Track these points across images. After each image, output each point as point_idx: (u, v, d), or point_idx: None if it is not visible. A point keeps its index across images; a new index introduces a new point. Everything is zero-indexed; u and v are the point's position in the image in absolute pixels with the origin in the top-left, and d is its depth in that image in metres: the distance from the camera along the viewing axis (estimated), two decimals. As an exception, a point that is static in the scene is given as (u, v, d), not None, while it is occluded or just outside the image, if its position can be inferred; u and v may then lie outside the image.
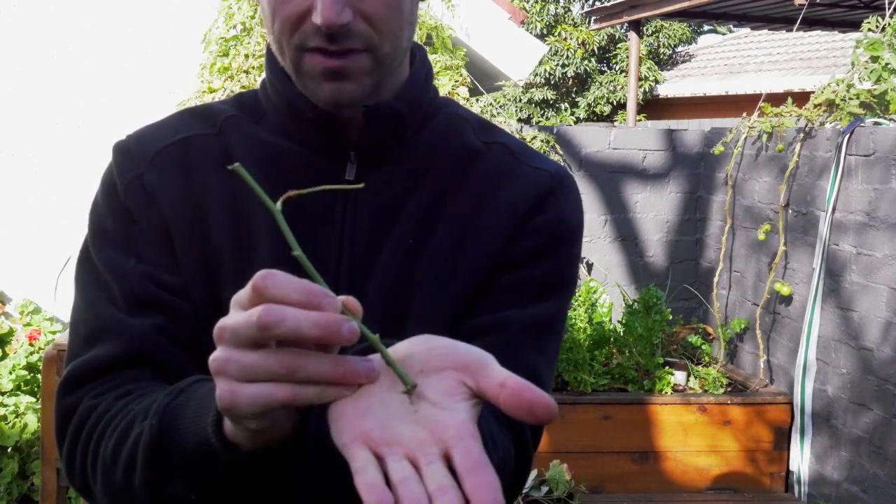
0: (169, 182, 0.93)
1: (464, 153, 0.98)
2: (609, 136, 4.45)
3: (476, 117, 1.03)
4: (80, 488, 0.87)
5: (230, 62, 3.65)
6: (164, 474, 0.76)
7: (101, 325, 0.90)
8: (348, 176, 0.93)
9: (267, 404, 0.62)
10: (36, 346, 3.67)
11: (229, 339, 0.63)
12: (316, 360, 0.62)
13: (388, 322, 0.91)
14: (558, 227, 0.96)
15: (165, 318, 0.89)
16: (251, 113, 0.98)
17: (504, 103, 12.94)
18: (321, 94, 0.87)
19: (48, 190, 3.92)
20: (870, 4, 6.77)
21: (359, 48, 0.84)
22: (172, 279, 0.91)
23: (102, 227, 0.94)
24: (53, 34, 3.92)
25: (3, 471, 3.31)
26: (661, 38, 13.95)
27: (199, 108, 1.00)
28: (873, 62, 3.58)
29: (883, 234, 3.23)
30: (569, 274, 1.00)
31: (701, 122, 10.11)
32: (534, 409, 0.58)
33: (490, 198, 0.95)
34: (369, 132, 0.92)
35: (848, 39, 10.28)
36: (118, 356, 0.88)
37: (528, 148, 1.02)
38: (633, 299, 4.19)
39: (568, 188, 0.99)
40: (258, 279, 0.61)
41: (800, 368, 3.65)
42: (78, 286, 0.95)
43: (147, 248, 0.92)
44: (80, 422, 0.86)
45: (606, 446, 3.66)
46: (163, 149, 0.95)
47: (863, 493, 3.33)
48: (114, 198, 0.94)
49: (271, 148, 0.95)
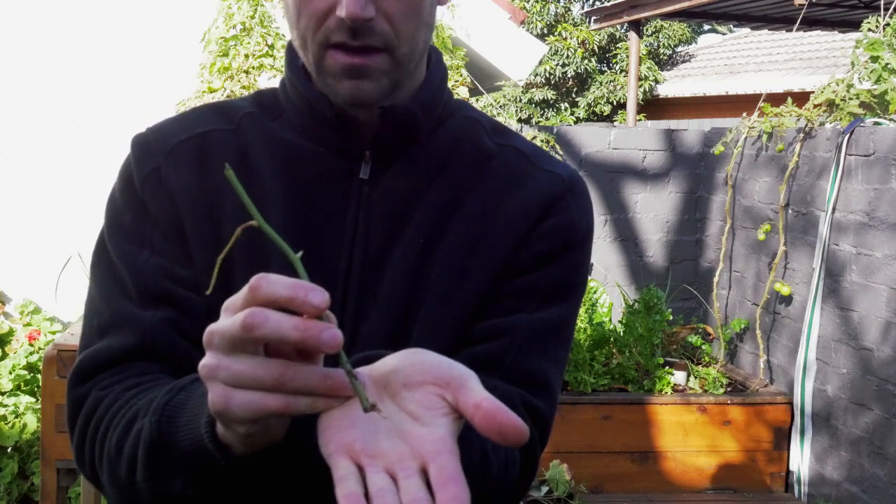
0: (185, 176, 0.94)
1: (477, 155, 0.99)
2: (609, 136, 4.45)
3: (490, 120, 1.03)
4: (90, 477, 0.89)
5: (230, 62, 3.65)
6: (163, 472, 0.77)
7: (113, 317, 0.91)
8: (362, 175, 0.94)
9: (260, 412, 0.63)
10: (36, 346, 3.67)
11: (218, 343, 0.64)
12: (305, 371, 0.63)
13: (398, 323, 0.92)
14: (568, 232, 0.97)
15: (177, 311, 0.90)
16: (270, 110, 0.99)
17: (504, 103, 12.94)
18: (341, 91, 0.88)
19: (48, 190, 3.92)
20: (870, 4, 6.78)
21: (379, 47, 0.86)
22: (186, 273, 0.91)
23: (118, 220, 0.95)
24: (53, 34, 3.92)
25: (3, 471, 3.31)
26: (661, 38, 13.94)
27: (219, 104, 1.01)
28: (873, 62, 3.58)
29: (883, 234, 3.23)
30: (578, 279, 0.99)
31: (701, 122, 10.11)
32: (504, 432, 0.60)
33: (501, 202, 0.96)
34: (384, 133, 0.93)
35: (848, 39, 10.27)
36: (129, 348, 0.89)
37: (541, 151, 1.03)
38: (633, 299, 4.19)
39: (580, 193, 0.99)
40: (254, 282, 0.62)
41: (800, 368, 3.65)
42: (93, 277, 0.95)
43: (162, 241, 0.92)
44: (89, 413, 0.87)
45: (606, 446, 3.66)
46: (180, 143, 0.96)
47: (863, 494, 3.33)
48: (131, 190, 0.95)
49: (288, 145, 0.96)
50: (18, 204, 3.92)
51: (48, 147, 3.92)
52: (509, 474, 0.89)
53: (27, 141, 3.92)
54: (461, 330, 0.93)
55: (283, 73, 1.00)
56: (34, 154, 3.92)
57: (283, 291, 0.61)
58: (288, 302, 0.61)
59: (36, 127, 3.92)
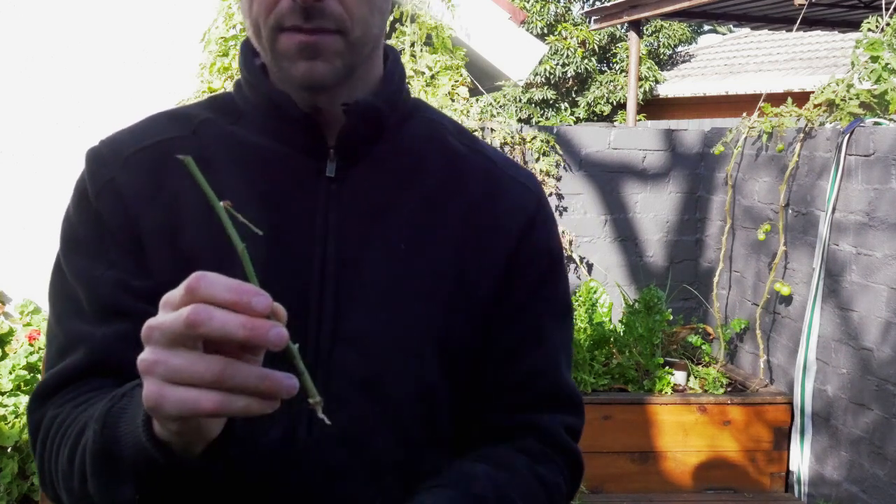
0: (142, 185, 0.93)
1: (448, 157, 1.00)
2: (609, 136, 4.45)
3: (451, 121, 1.05)
4: (53, 498, 0.88)
5: (230, 62, 3.65)
6: (112, 479, 0.76)
7: (67, 339, 0.91)
8: (329, 173, 0.94)
9: (193, 411, 0.63)
10: (36, 346, 3.67)
11: (158, 338, 0.63)
12: (244, 369, 0.63)
13: (379, 323, 0.92)
14: (554, 244, 1.03)
15: (133, 324, 0.88)
16: (227, 115, 0.98)
17: (504, 103, 12.94)
18: (294, 73, 0.88)
19: (48, 190, 3.92)
20: (870, 4, 6.78)
21: (331, 28, 0.86)
22: (142, 284, 0.90)
23: (74, 236, 0.94)
24: (53, 34, 3.92)
25: (2, 471, 3.31)
26: (661, 38, 13.94)
27: (173, 111, 1.00)
28: (873, 62, 3.58)
29: (883, 234, 3.23)
30: (567, 294, 1.06)
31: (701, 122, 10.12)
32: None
33: (482, 209, 0.98)
34: (350, 128, 0.93)
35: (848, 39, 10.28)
36: (83, 366, 0.89)
37: (504, 156, 1.06)
38: (633, 299, 4.19)
39: (546, 203, 1.04)
40: (192, 280, 0.62)
41: (800, 368, 3.65)
42: (49, 303, 0.95)
43: (118, 253, 0.91)
44: (45, 433, 0.87)
45: (606, 446, 3.66)
46: (135, 152, 0.95)
47: (863, 493, 3.33)
48: (85, 205, 0.94)
49: (251, 147, 0.95)
50: (18, 204, 3.92)
51: (48, 147, 3.92)
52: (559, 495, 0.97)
53: (27, 141, 3.92)
54: (442, 330, 0.94)
55: (239, 76, 0.99)
56: (34, 154, 3.92)
57: (226, 295, 0.61)
58: (231, 305, 0.61)
59: (36, 127, 3.92)
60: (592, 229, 4.46)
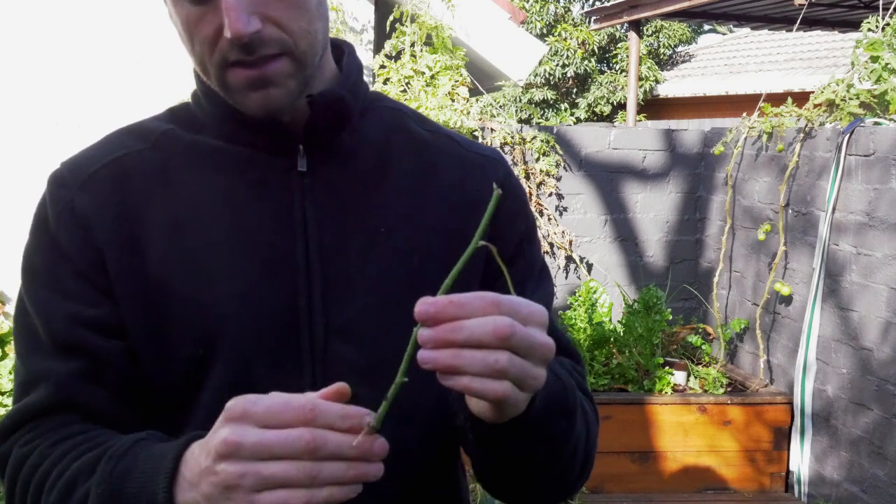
0: (102, 206, 0.91)
1: (415, 143, 1.01)
2: (609, 136, 4.45)
3: (411, 109, 1.07)
4: None
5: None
6: None
7: (29, 375, 0.91)
8: (301, 168, 0.94)
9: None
10: (36, 346, 3.67)
11: (249, 455, 0.68)
12: (332, 466, 0.69)
13: (372, 312, 0.93)
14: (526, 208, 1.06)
15: (89, 361, 0.89)
16: (188, 125, 0.97)
17: (504, 103, 12.94)
18: (249, 104, 0.88)
19: (48, 190, 3.92)
20: (870, 4, 6.78)
21: (275, 52, 0.86)
22: (98, 313, 0.89)
23: (31, 266, 0.94)
24: (53, 34, 3.92)
25: (3, 471, 3.31)
26: (661, 38, 13.94)
27: (131, 126, 1.00)
28: (873, 62, 3.58)
29: (883, 235, 3.23)
30: (541, 252, 1.09)
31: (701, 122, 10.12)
32: None
33: (458, 188, 1.00)
34: (316, 120, 0.93)
35: (848, 39, 10.28)
36: (45, 403, 0.89)
37: (462, 136, 1.08)
38: (633, 299, 4.19)
39: (510, 169, 1.07)
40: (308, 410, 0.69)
41: (800, 368, 3.65)
42: (13, 335, 0.95)
43: (74, 282, 0.90)
44: (14, 472, 0.87)
45: (606, 446, 3.66)
46: (94, 172, 0.93)
47: (863, 493, 3.33)
48: (43, 232, 0.93)
49: (218, 153, 0.95)
50: (18, 204, 3.92)
51: (48, 147, 3.92)
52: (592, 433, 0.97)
53: (27, 141, 3.92)
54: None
55: (195, 88, 0.99)
56: (34, 154, 3.92)
57: (341, 423, 0.69)
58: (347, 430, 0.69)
59: (36, 127, 3.92)
60: (592, 229, 4.46)
